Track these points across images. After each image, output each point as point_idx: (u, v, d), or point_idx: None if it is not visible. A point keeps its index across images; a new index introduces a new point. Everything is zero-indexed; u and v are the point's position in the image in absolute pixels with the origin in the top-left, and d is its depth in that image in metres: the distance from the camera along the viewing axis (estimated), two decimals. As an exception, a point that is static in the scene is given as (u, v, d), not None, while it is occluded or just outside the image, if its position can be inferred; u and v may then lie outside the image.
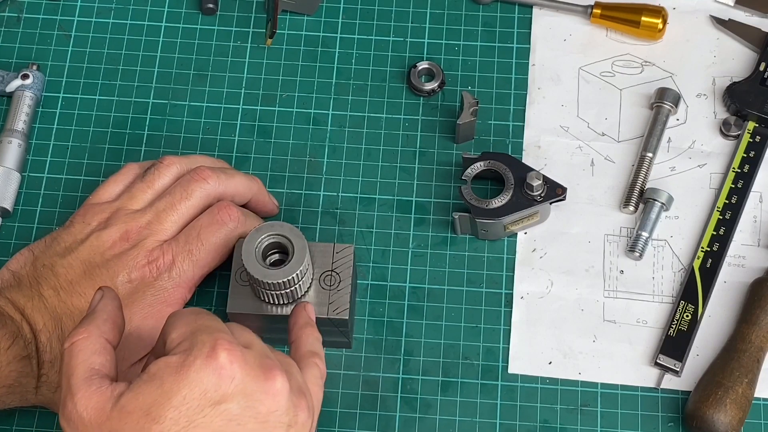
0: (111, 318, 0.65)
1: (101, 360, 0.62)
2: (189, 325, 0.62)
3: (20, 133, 0.85)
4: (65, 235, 0.77)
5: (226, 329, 0.62)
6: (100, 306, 0.65)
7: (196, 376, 0.59)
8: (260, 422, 0.60)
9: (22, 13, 0.92)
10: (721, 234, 0.82)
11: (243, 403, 0.59)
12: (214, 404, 0.59)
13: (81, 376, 0.61)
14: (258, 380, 0.60)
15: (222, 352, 0.59)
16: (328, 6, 0.92)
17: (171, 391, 0.58)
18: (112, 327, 0.64)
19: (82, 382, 0.60)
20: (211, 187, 0.78)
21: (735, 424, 0.75)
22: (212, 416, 0.59)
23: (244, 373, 0.60)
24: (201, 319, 0.62)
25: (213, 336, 0.60)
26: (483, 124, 0.87)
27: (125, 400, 0.59)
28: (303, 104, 0.88)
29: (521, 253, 0.83)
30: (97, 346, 0.62)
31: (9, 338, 0.71)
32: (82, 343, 0.62)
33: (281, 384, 0.61)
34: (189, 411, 0.58)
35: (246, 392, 0.60)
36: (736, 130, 0.86)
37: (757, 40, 0.89)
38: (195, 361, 0.59)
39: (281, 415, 0.61)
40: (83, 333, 0.63)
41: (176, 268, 0.75)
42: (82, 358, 0.62)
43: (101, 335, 0.63)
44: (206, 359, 0.59)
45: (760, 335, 0.78)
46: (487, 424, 0.78)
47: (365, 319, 0.81)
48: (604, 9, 0.89)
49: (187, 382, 0.59)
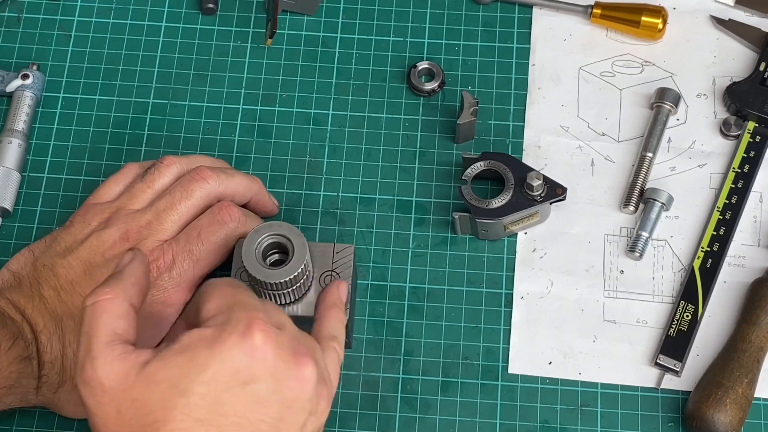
0: (139, 282, 0.62)
1: (125, 325, 0.60)
2: (226, 297, 0.60)
3: (20, 133, 0.85)
4: (65, 235, 0.77)
5: (261, 307, 0.61)
6: (129, 268, 0.63)
7: (229, 353, 0.57)
8: (285, 407, 0.59)
9: (22, 13, 0.92)
10: (721, 234, 0.82)
11: (271, 386, 0.58)
12: (244, 384, 0.58)
13: (103, 339, 0.58)
14: (288, 365, 0.59)
15: (257, 332, 0.58)
16: (328, 6, 0.92)
17: (203, 365, 0.57)
18: (139, 292, 0.62)
19: (104, 345, 0.58)
20: (211, 186, 0.78)
21: (735, 424, 0.75)
22: (239, 395, 0.58)
23: (275, 356, 0.59)
24: (238, 293, 0.61)
25: (249, 313, 0.59)
26: (483, 124, 0.87)
27: (153, 368, 0.57)
28: (303, 104, 0.88)
29: (521, 253, 0.83)
30: (122, 310, 0.60)
31: (9, 339, 0.71)
32: (106, 303, 0.60)
33: (310, 372, 0.60)
34: (218, 388, 0.57)
35: (275, 375, 0.59)
36: (736, 130, 0.86)
37: (757, 40, 0.89)
38: (230, 338, 0.58)
39: (305, 401, 0.60)
40: (109, 293, 0.60)
41: (176, 268, 0.75)
42: (105, 319, 0.59)
43: (127, 299, 0.61)
44: (241, 337, 0.58)
45: (760, 335, 0.78)
46: (487, 424, 0.78)
47: (365, 319, 0.81)
48: (604, 9, 0.89)
49: (220, 358, 0.57)
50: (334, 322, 0.69)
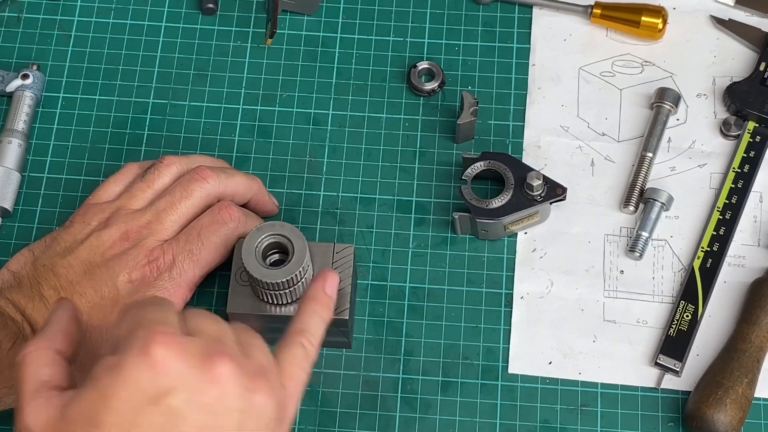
0: (63, 329, 0.63)
1: (50, 371, 0.60)
2: (130, 320, 0.59)
3: (20, 133, 0.85)
4: (65, 235, 0.77)
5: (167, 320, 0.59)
6: (53, 318, 0.64)
7: (129, 373, 0.56)
8: (207, 413, 0.57)
9: (22, 13, 0.92)
10: (721, 234, 0.82)
11: (184, 396, 0.56)
12: (153, 401, 0.56)
13: (29, 390, 0.59)
14: (198, 369, 0.57)
15: (154, 346, 0.56)
16: (328, 6, 0.92)
17: (108, 393, 0.56)
18: (64, 337, 0.63)
19: (30, 395, 0.59)
20: (211, 186, 0.78)
21: (735, 424, 0.75)
22: (153, 414, 0.56)
23: (181, 365, 0.57)
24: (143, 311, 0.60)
25: (148, 330, 0.57)
26: (483, 124, 0.87)
27: (70, 409, 0.57)
28: (303, 104, 0.88)
29: (521, 253, 0.83)
30: (46, 359, 0.61)
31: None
32: (30, 356, 0.61)
33: (225, 369, 0.57)
34: (129, 412, 0.56)
35: (186, 384, 0.56)
36: (736, 130, 0.86)
37: (757, 40, 0.89)
38: (128, 359, 0.56)
39: (230, 401, 0.58)
40: (32, 346, 0.61)
41: (176, 268, 0.75)
42: (30, 371, 0.60)
43: (50, 347, 0.62)
44: (139, 355, 0.56)
45: (760, 335, 0.78)
46: (487, 424, 0.78)
47: (365, 319, 0.81)
48: (604, 9, 0.89)
49: (121, 381, 0.56)
50: (308, 316, 0.66)
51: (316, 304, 0.67)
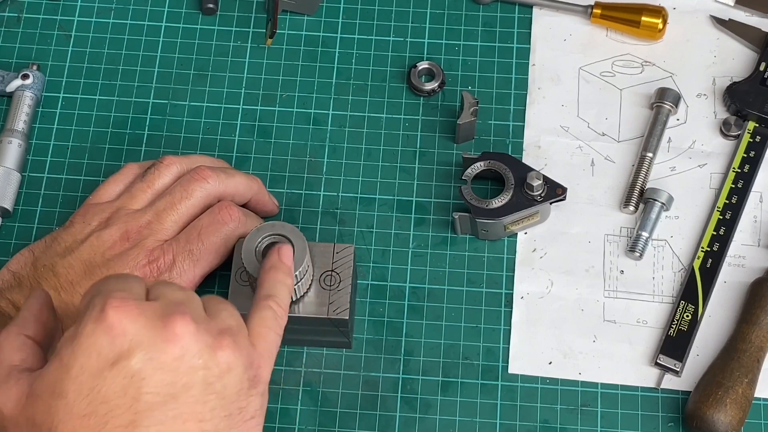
0: (33, 315, 0.64)
1: (21, 356, 0.62)
2: (90, 292, 0.60)
3: (20, 133, 0.85)
4: (65, 235, 0.77)
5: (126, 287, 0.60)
6: (24, 306, 0.65)
7: (87, 341, 0.57)
8: (168, 371, 0.57)
9: (22, 13, 0.92)
10: (721, 234, 0.82)
11: (142, 356, 0.57)
12: (112, 365, 0.57)
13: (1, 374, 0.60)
14: (155, 329, 0.58)
15: (110, 311, 0.57)
16: (328, 6, 0.92)
17: (69, 363, 0.57)
18: (35, 323, 0.64)
19: (1, 379, 0.60)
20: (211, 186, 0.78)
21: (735, 424, 0.75)
22: (113, 377, 0.57)
23: (138, 326, 0.57)
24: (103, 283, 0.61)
25: (104, 296, 0.58)
26: (483, 124, 0.87)
27: (36, 384, 0.58)
28: (303, 104, 0.88)
29: (521, 253, 0.83)
30: (17, 343, 0.62)
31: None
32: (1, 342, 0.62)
33: (182, 326, 0.58)
34: (89, 378, 0.57)
35: (143, 344, 0.57)
36: (736, 130, 0.86)
37: (757, 40, 0.89)
38: (86, 326, 0.57)
39: (191, 358, 0.58)
40: (3, 333, 0.63)
41: (177, 268, 0.75)
42: (2, 357, 0.61)
43: (20, 332, 0.63)
44: (95, 322, 0.57)
45: (760, 335, 0.78)
46: (487, 424, 0.78)
47: (365, 319, 0.81)
48: (604, 9, 0.89)
49: (81, 350, 0.57)
50: (271, 283, 0.67)
51: (277, 272, 0.68)
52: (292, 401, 0.79)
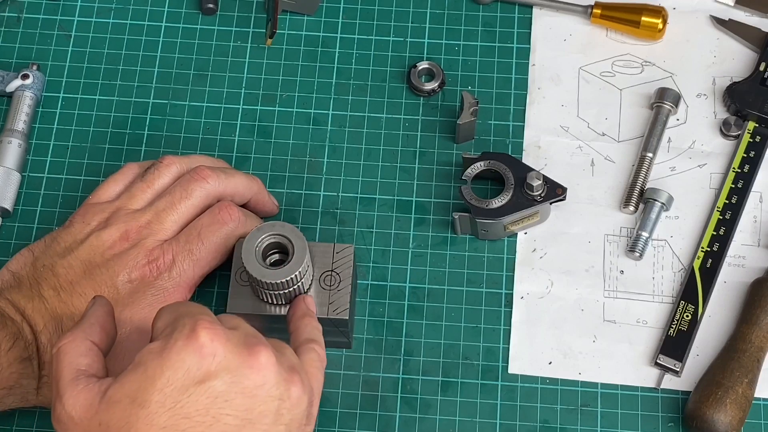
0: (98, 322, 0.66)
1: (87, 361, 0.63)
2: (172, 312, 0.62)
3: (20, 133, 0.85)
4: (65, 235, 0.77)
5: (209, 313, 0.62)
6: (89, 312, 0.67)
7: (177, 356, 0.59)
8: (248, 396, 0.60)
9: (22, 13, 0.92)
10: (721, 234, 0.82)
11: (228, 379, 0.60)
12: (198, 383, 0.59)
13: (67, 378, 0.62)
14: (241, 356, 0.60)
15: (202, 332, 0.60)
16: (328, 6, 0.92)
17: (155, 375, 0.59)
18: (99, 330, 0.65)
19: (68, 383, 0.61)
20: (211, 186, 0.78)
21: (735, 424, 0.75)
22: (198, 395, 0.59)
23: (226, 350, 0.60)
24: (184, 306, 0.63)
25: (194, 318, 0.61)
26: (483, 124, 0.87)
27: (111, 391, 0.60)
28: (303, 104, 0.88)
29: (521, 253, 0.83)
30: (83, 348, 0.64)
31: (10, 340, 0.71)
32: (67, 346, 0.63)
33: (266, 358, 0.61)
34: (174, 392, 0.59)
35: (230, 368, 0.60)
36: (736, 130, 0.86)
37: (757, 40, 0.89)
38: (176, 343, 0.60)
39: (270, 388, 0.61)
40: (69, 337, 0.64)
41: (176, 268, 0.75)
42: (68, 360, 0.63)
43: (87, 338, 0.64)
44: (187, 340, 0.60)
45: (760, 335, 0.78)
46: (487, 424, 0.78)
47: (365, 319, 0.81)
48: (604, 9, 0.89)
49: (169, 364, 0.59)
50: (310, 328, 0.71)
51: (312, 319, 0.72)
52: (292, 401, 0.79)
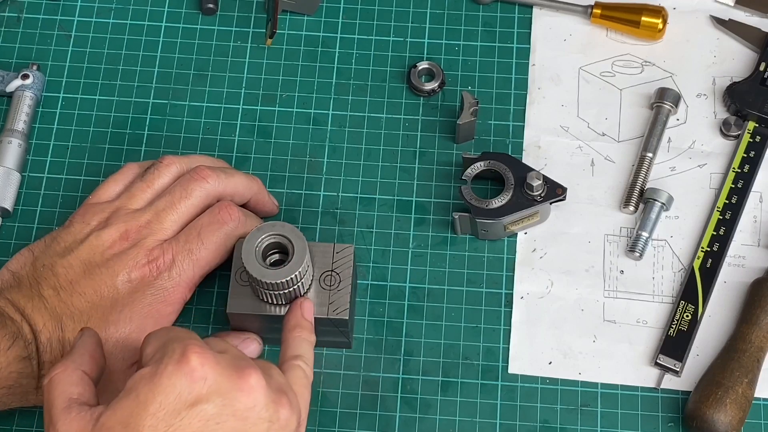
0: (88, 352, 0.67)
1: (79, 390, 0.64)
2: (161, 338, 0.64)
3: (20, 133, 0.85)
4: (65, 235, 0.77)
5: (197, 338, 0.64)
6: (78, 343, 0.68)
7: (168, 381, 0.60)
8: (239, 419, 0.61)
9: (22, 13, 0.92)
10: (721, 234, 0.82)
11: (219, 402, 0.61)
12: (190, 406, 0.60)
13: (60, 406, 0.63)
14: (231, 379, 0.61)
15: (192, 356, 0.61)
16: (328, 6, 0.92)
17: (146, 400, 0.60)
18: (90, 360, 0.67)
19: (61, 411, 0.62)
20: (211, 186, 0.78)
21: (735, 424, 0.75)
22: (190, 418, 0.60)
23: (216, 374, 0.61)
24: (173, 331, 0.65)
25: (183, 343, 0.62)
26: (483, 124, 0.87)
27: (104, 418, 0.61)
28: (303, 104, 0.88)
29: (521, 253, 0.83)
30: (75, 378, 0.65)
31: (9, 339, 0.71)
32: (59, 376, 0.64)
33: (256, 380, 0.62)
34: (166, 416, 0.60)
35: (220, 391, 0.61)
36: (736, 130, 0.86)
37: (757, 40, 0.89)
38: (167, 368, 0.61)
39: (260, 410, 0.62)
40: (60, 368, 0.65)
41: (176, 268, 0.75)
42: (60, 389, 0.64)
43: (78, 368, 0.65)
44: (177, 364, 0.61)
45: (760, 335, 0.78)
46: (487, 424, 0.78)
47: (365, 319, 0.81)
48: (604, 9, 0.89)
49: (161, 389, 0.60)
50: (297, 342, 0.71)
51: (302, 330, 0.72)
52: (292, 401, 0.79)
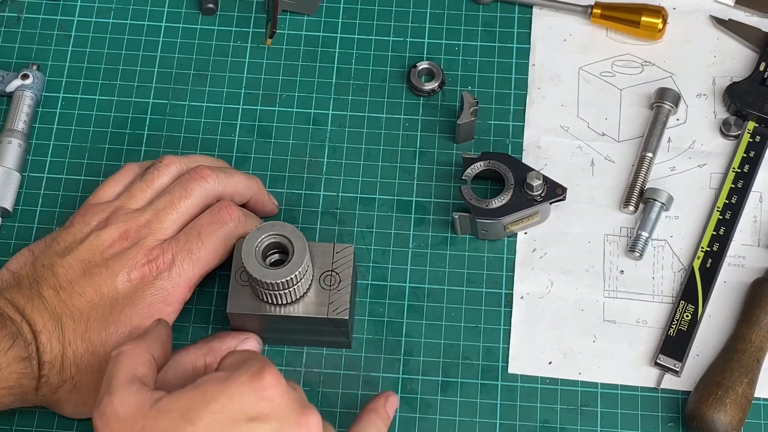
0: (161, 339, 0.69)
1: (144, 371, 0.65)
2: (244, 355, 0.66)
3: (20, 133, 0.85)
4: (65, 235, 0.77)
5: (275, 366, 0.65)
6: (153, 329, 0.69)
7: (238, 389, 0.62)
8: None
9: (22, 13, 0.92)
10: (721, 234, 0.82)
11: (276, 426, 0.62)
12: (249, 420, 0.61)
13: (123, 378, 0.64)
14: (295, 412, 0.63)
15: (268, 376, 0.63)
16: (328, 6, 0.92)
17: (212, 398, 0.61)
18: (161, 347, 0.68)
19: (123, 383, 0.64)
20: (211, 186, 0.78)
21: (735, 424, 0.75)
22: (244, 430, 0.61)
23: (283, 401, 0.63)
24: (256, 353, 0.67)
25: (263, 362, 0.64)
26: (483, 124, 0.87)
27: (165, 401, 0.62)
28: (303, 104, 0.88)
29: (521, 253, 0.83)
30: (144, 358, 0.66)
31: (9, 339, 0.71)
32: (129, 351, 0.66)
33: (315, 422, 0.64)
34: (224, 419, 0.61)
35: (281, 418, 0.62)
36: (736, 130, 0.86)
37: (757, 40, 0.89)
38: (240, 377, 0.62)
39: None
40: (132, 344, 0.67)
41: (176, 268, 0.75)
42: (127, 363, 0.65)
43: (148, 350, 0.67)
44: (251, 377, 0.62)
45: (760, 335, 0.78)
46: (487, 424, 0.78)
47: (365, 319, 0.81)
48: (604, 9, 0.89)
49: (229, 393, 0.62)
50: (368, 424, 0.72)
51: (377, 416, 0.73)
52: (292, 401, 0.79)
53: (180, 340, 0.80)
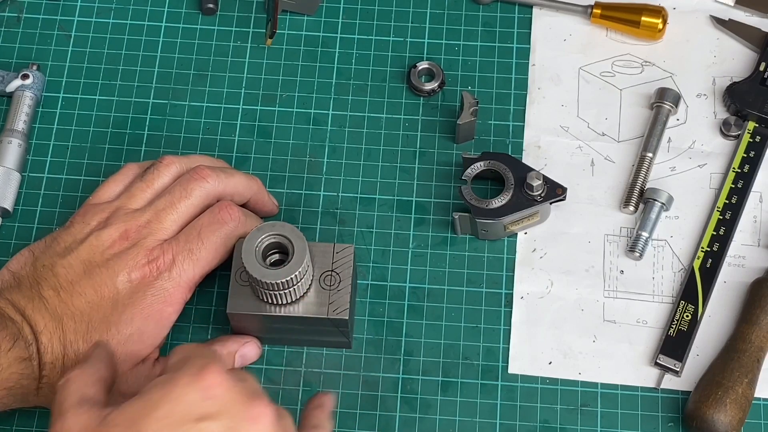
0: (104, 359, 0.68)
1: (93, 390, 0.65)
2: (186, 352, 0.64)
3: (20, 133, 0.85)
4: (65, 235, 0.77)
5: (223, 362, 0.64)
6: (95, 352, 0.69)
7: (181, 391, 0.61)
8: None
9: (22, 13, 0.92)
10: (721, 234, 0.82)
11: (225, 423, 0.61)
12: (196, 420, 0.60)
13: (72, 401, 0.63)
14: (243, 405, 0.62)
15: (210, 374, 0.61)
16: (328, 6, 0.92)
17: (156, 405, 0.61)
18: (106, 366, 0.68)
19: (72, 405, 0.63)
20: (211, 186, 0.78)
21: (735, 424, 0.75)
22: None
23: (229, 397, 0.62)
24: (200, 348, 0.65)
25: (205, 359, 0.62)
26: (483, 124, 0.87)
27: (112, 416, 0.61)
28: (303, 104, 0.88)
29: (521, 253, 0.83)
30: (90, 380, 0.66)
31: (10, 340, 0.71)
32: (76, 376, 0.66)
33: (265, 415, 0.62)
34: (172, 425, 0.60)
35: (229, 414, 0.61)
36: (736, 130, 0.86)
37: (757, 40, 0.89)
38: (182, 378, 0.61)
39: None
40: (77, 369, 0.66)
41: (176, 268, 0.75)
42: (74, 387, 0.65)
43: (95, 372, 0.66)
44: (193, 377, 0.61)
45: (760, 335, 0.78)
46: (487, 424, 0.78)
47: (365, 319, 0.81)
48: (604, 9, 0.89)
49: (172, 397, 0.61)
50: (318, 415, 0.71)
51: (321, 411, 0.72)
52: (292, 401, 0.79)
53: (180, 340, 0.80)
